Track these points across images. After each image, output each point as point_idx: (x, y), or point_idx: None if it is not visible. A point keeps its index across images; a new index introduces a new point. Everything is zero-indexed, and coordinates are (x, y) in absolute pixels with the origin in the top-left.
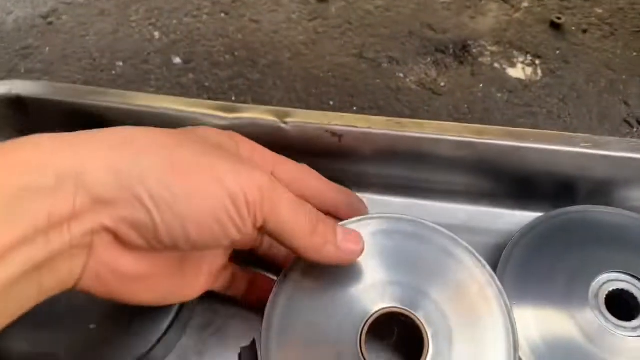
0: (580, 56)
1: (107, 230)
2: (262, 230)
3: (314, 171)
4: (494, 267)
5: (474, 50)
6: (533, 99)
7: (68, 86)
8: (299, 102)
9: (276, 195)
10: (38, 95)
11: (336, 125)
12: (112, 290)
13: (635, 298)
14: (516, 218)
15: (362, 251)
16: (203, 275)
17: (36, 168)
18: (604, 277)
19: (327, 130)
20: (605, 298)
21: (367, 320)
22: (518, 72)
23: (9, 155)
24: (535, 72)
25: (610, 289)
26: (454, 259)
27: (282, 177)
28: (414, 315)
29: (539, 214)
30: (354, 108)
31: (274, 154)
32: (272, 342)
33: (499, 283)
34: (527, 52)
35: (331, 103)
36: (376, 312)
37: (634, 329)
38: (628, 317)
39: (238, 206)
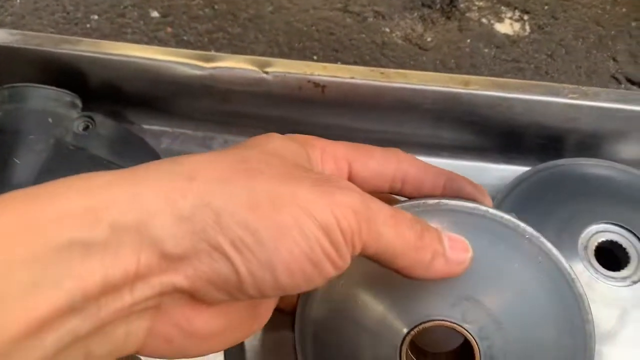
0: (569, 12)
1: (181, 290)
2: (359, 256)
3: (405, 154)
4: None
5: (462, 5)
6: (521, 55)
7: (40, 35)
8: (282, 56)
9: (373, 214)
10: (8, 44)
11: (319, 75)
12: (182, 351)
13: (623, 249)
14: (502, 172)
15: (471, 260)
16: (273, 305)
17: (86, 219)
18: (593, 228)
19: (309, 81)
20: (595, 249)
21: (407, 334)
22: (506, 27)
23: (47, 203)
24: (523, 28)
25: (600, 241)
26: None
27: (362, 173)
28: (464, 329)
29: (525, 168)
30: (339, 63)
31: (347, 145)
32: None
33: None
34: (515, 8)
35: (315, 58)
36: (419, 324)
37: (623, 278)
38: (617, 268)
39: (333, 238)
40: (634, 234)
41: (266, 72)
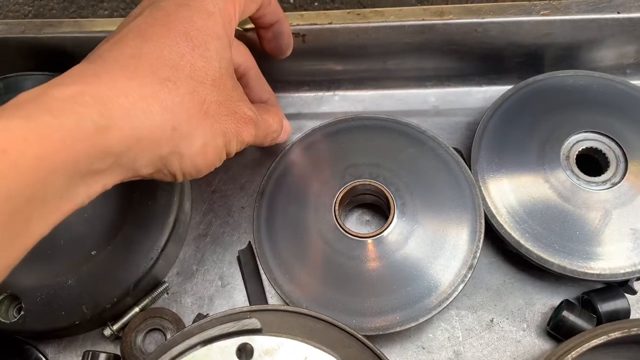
0: None
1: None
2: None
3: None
4: (469, 144)
5: None
6: None
7: (22, 22)
8: None
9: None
10: None
11: (297, 25)
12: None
13: (603, 154)
14: (485, 94)
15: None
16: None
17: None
18: (573, 138)
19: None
20: (576, 158)
21: (338, 195)
22: None
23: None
24: None
25: (580, 149)
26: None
27: None
28: (378, 183)
29: (508, 87)
30: (315, 3)
31: None
32: (263, 239)
33: (460, 159)
34: None
35: (291, 0)
36: (345, 185)
37: (604, 182)
38: (597, 173)
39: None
40: (612, 139)
41: (245, 29)
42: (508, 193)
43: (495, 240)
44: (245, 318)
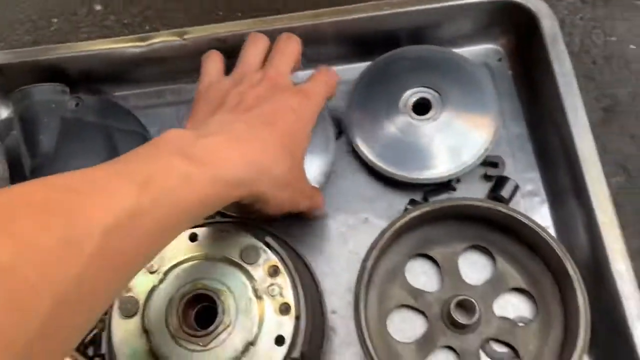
0: None
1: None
2: None
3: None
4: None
5: None
6: None
7: (30, 50)
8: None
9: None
10: (10, 61)
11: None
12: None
13: (428, 100)
14: (361, 69)
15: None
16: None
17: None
18: (410, 92)
19: (214, 39)
20: (412, 105)
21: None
22: None
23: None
24: None
25: (415, 99)
26: None
27: None
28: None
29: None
30: (239, 14)
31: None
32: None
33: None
34: None
35: (239, 15)
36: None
37: (428, 119)
38: (425, 113)
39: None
40: (435, 90)
41: (185, 39)
42: (371, 133)
43: (365, 166)
44: None
